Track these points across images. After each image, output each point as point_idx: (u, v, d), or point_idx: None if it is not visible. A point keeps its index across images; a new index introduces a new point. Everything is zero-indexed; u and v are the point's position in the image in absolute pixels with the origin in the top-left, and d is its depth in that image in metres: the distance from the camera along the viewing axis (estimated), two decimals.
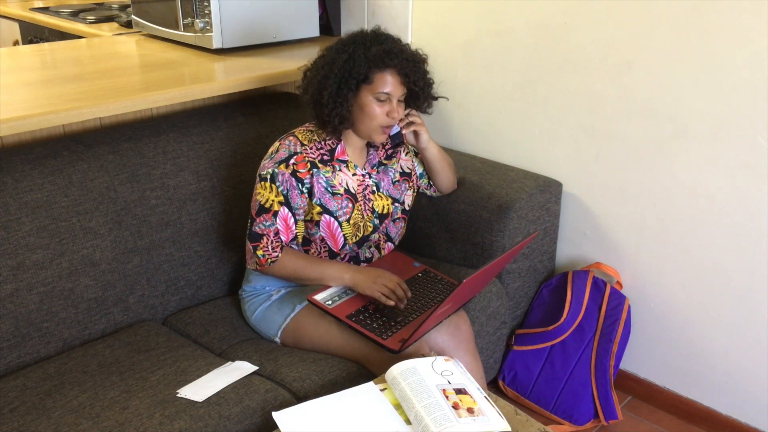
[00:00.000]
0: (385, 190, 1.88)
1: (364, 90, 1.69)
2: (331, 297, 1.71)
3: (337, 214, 1.77)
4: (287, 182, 1.71)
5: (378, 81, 1.68)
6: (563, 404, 2.13)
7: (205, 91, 1.94)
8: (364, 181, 1.83)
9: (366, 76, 1.67)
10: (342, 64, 1.67)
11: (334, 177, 1.77)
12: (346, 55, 1.68)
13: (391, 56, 1.67)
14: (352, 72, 1.66)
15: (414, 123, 1.83)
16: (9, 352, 1.63)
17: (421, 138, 1.87)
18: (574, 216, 2.23)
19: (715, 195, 1.92)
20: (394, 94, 1.71)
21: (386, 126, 1.74)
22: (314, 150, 1.75)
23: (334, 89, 1.67)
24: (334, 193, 1.77)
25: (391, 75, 1.69)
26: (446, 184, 2.03)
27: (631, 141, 2.03)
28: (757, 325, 1.94)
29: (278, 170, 1.70)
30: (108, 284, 1.78)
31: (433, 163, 1.94)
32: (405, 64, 1.69)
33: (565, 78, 2.10)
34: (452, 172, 2.03)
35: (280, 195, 1.71)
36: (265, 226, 1.71)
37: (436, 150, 1.92)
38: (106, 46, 2.46)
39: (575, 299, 2.15)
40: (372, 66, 1.67)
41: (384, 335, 1.61)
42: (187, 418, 1.45)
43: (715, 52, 1.81)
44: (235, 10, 2.21)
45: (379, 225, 1.86)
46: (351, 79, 1.67)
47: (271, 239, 1.72)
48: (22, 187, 1.66)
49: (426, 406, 1.30)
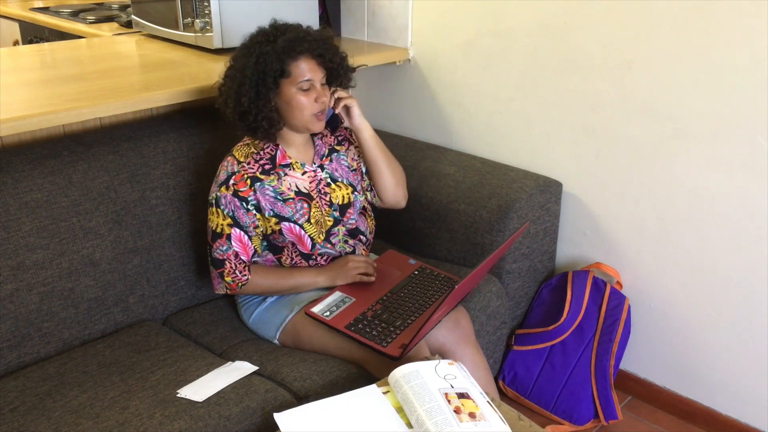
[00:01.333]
0: (344, 179, 1.83)
1: (285, 84, 1.65)
2: (329, 308, 1.71)
3: (295, 218, 1.74)
4: (230, 203, 1.69)
5: (295, 71, 1.65)
6: (563, 404, 2.13)
7: (205, 91, 1.94)
8: (316, 176, 1.79)
9: (282, 69, 1.63)
10: (253, 66, 1.63)
11: (281, 184, 1.74)
12: (254, 56, 1.64)
13: (300, 42, 1.64)
14: (266, 70, 1.62)
15: (342, 98, 1.77)
16: (9, 352, 1.63)
17: (353, 112, 1.78)
18: (574, 216, 2.23)
19: (715, 195, 1.92)
20: (316, 79, 1.67)
21: (319, 112, 1.70)
22: (252, 164, 1.72)
23: (252, 94, 1.63)
24: (285, 199, 1.74)
25: (306, 61, 1.65)
26: (388, 187, 1.87)
27: (631, 141, 2.03)
28: (757, 325, 1.94)
29: (220, 193, 1.70)
30: (108, 284, 1.77)
31: (367, 147, 1.82)
32: (315, 45, 1.66)
33: (565, 78, 2.10)
34: (394, 174, 1.87)
35: (227, 218, 1.70)
36: (223, 251, 1.71)
37: (370, 132, 1.82)
38: (106, 46, 2.45)
39: (575, 299, 2.15)
40: (284, 57, 1.63)
41: (384, 342, 1.61)
42: (187, 418, 1.45)
43: (715, 52, 1.81)
44: (235, 10, 2.21)
45: (341, 216, 1.81)
46: (267, 78, 1.63)
47: (233, 263, 1.71)
48: (22, 187, 1.66)
49: (427, 409, 1.29)
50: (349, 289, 1.77)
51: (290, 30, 1.68)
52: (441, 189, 2.16)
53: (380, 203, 1.93)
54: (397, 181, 1.89)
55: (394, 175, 1.88)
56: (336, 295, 1.75)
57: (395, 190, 1.89)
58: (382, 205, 1.94)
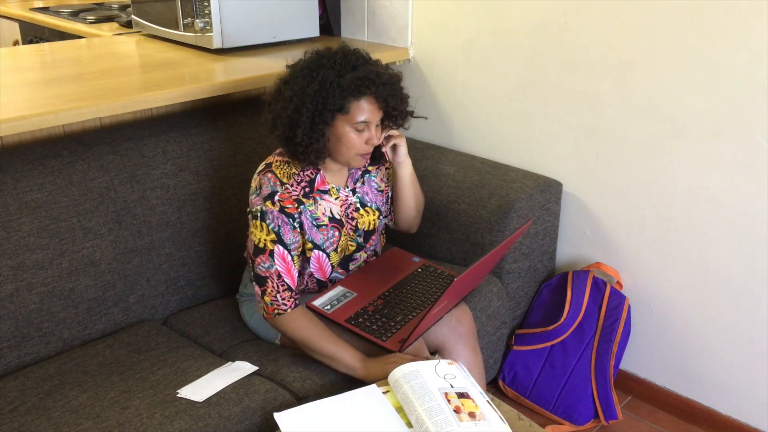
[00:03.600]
0: (373, 203, 1.79)
1: (340, 120, 1.56)
2: (330, 301, 1.71)
3: (324, 246, 1.69)
4: (277, 219, 1.60)
5: (355, 110, 1.55)
6: (563, 404, 2.13)
7: (205, 91, 1.94)
8: (347, 201, 1.73)
9: (342, 106, 1.54)
10: (314, 95, 1.53)
11: (318, 209, 1.67)
12: (316, 84, 1.53)
13: (368, 83, 1.54)
14: (327, 104, 1.53)
15: (392, 137, 1.71)
16: (9, 352, 1.63)
17: (399, 152, 1.74)
18: (574, 216, 2.23)
19: (715, 195, 1.92)
20: (372, 121, 1.59)
21: (365, 153, 1.63)
22: (295, 186, 1.64)
23: (307, 125, 1.54)
24: (320, 225, 1.67)
25: (368, 102, 1.56)
26: (406, 219, 1.86)
27: (631, 141, 2.03)
28: (757, 325, 1.94)
29: (266, 208, 1.59)
30: (108, 284, 1.78)
31: (402, 182, 1.79)
32: (382, 89, 1.56)
33: (565, 78, 2.10)
34: (417, 207, 1.86)
35: (272, 233, 1.59)
36: (265, 268, 1.60)
37: (410, 170, 1.78)
38: (106, 46, 2.46)
39: (575, 299, 2.15)
40: (348, 95, 1.53)
41: (383, 337, 1.61)
42: (187, 418, 1.45)
43: (715, 52, 1.81)
44: (235, 10, 2.21)
45: (365, 243, 1.78)
46: (326, 112, 1.54)
47: (276, 284, 1.60)
48: (22, 187, 1.66)
49: (427, 409, 1.30)
50: (351, 283, 1.77)
51: (360, 65, 1.58)
52: (441, 189, 2.16)
53: (393, 226, 1.93)
54: (417, 213, 1.88)
55: (416, 209, 1.87)
56: (338, 289, 1.75)
57: (412, 221, 1.89)
58: (394, 228, 1.93)
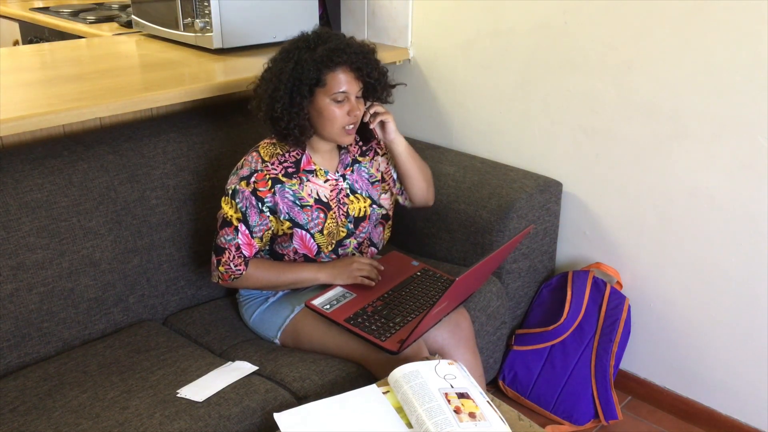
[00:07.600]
0: (363, 191, 1.82)
1: (319, 94, 1.63)
2: (329, 301, 1.71)
3: (308, 226, 1.74)
4: (246, 200, 1.68)
5: (331, 82, 1.62)
6: (563, 404, 2.13)
7: (205, 91, 1.94)
8: (338, 185, 1.78)
9: (317, 78, 1.61)
10: (290, 72, 1.61)
11: (302, 189, 1.73)
12: (291, 62, 1.62)
13: (339, 53, 1.61)
14: (302, 78, 1.60)
15: (378, 113, 1.75)
16: (9, 352, 1.63)
17: (388, 128, 1.77)
18: (574, 216, 2.23)
19: (715, 195, 1.92)
20: (351, 91, 1.65)
21: (350, 126, 1.68)
22: (276, 165, 1.71)
23: (286, 100, 1.62)
24: (303, 206, 1.73)
25: (344, 72, 1.63)
26: (418, 192, 1.89)
27: (631, 141, 2.03)
28: (757, 325, 1.94)
29: (239, 187, 1.68)
30: (108, 284, 1.78)
31: (400, 159, 1.82)
32: (355, 58, 1.63)
33: (565, 78, 2.10)
34: (425, 178, 1.89)
35: (239, 212, 1.68)
36: (227, 240, 1.69)
37: (404, 145, 1.82)
38: (106, 46, 2.46)
39: (575, 299, 2.15)
40: (321, 67, 1.60)
41: (382, 337, 1.61)
42: (187, 418, 1.45)
43: (715, 52, 1.81)
44: (235, 10, 2.21)
45: (354, 229, 1.81)
46: (302, 86, 1.61)
47: (233, 254, 1.69)
48: (22, 187, 1.66)
49: (427, 409, 1.29)
50: (350, 285, 1.78)
51: (332, 39, 1.64)
52: (441, 189, 2.16)
53: (411, 204, 1.95)
54: (428, 185, 1.91)
55: (425, 180, 1.89)
56: (337, 290, 1.76)
57: (426, 193, 1.92)
58: (412, 206, 1.96)
